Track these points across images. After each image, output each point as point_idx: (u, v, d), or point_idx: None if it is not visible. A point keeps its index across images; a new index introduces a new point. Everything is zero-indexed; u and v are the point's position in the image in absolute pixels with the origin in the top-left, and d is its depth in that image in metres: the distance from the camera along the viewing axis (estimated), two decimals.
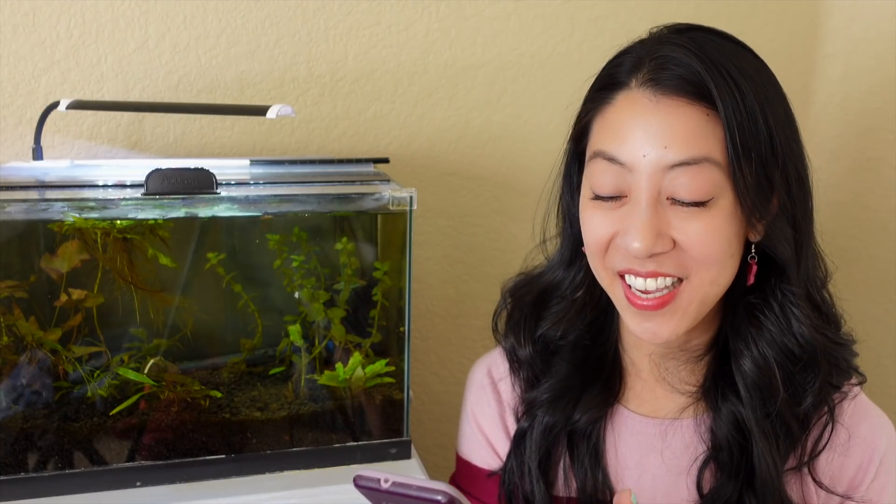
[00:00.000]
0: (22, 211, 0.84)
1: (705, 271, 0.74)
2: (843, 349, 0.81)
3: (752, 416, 0.77)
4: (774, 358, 0.78)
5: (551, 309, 0.87)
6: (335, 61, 1.13)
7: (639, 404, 0.85)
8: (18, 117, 1.03)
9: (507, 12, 1.19)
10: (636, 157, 0.72)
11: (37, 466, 0.86)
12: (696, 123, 0.71)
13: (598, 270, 0.79)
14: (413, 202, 0.89)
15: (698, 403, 0.82)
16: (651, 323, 0.76)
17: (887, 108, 1.31)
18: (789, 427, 0.78)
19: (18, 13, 1.01)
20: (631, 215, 0.73)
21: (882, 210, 1.34)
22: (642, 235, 0.71)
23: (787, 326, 0.78)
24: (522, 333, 0.88)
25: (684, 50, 0.72)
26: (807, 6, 1.34)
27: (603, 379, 0.85)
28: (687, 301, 0.75)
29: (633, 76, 0.74)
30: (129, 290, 0.90)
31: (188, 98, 1.07)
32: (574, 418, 0.84)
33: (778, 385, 0.77)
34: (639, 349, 0.86)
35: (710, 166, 0.71)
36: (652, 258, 0.73)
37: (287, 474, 0.91)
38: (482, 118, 1.21)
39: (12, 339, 0.86)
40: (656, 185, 0.72)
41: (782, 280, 0.78)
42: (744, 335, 0.79)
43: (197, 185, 0.84)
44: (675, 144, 0.71)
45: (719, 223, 0.72)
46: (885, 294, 1.35)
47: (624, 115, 0.74)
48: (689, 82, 0.71)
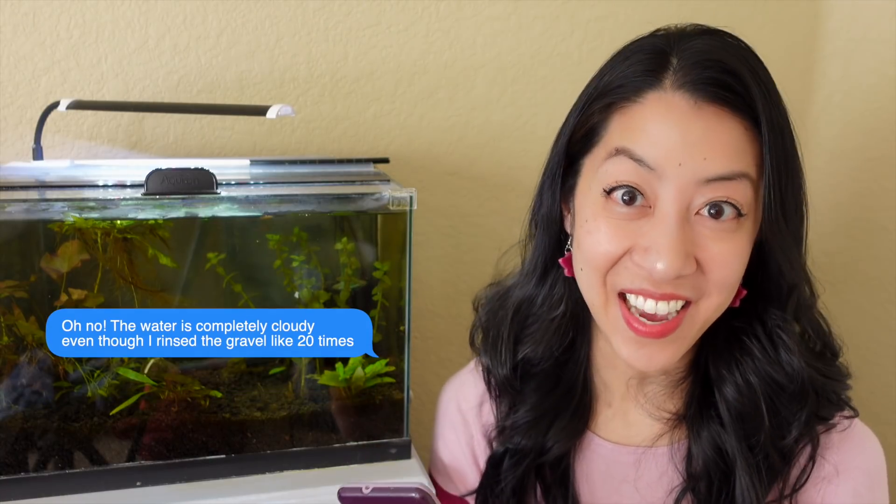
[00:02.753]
0: (22, 211, 0.84)
1: (717, 295, 0.69)
2: (835, 383, 0.76)
3: (737, 445, 0.72)
4: (759, 386, 0.73)
5: (528, 329, 0.82)
6: (335, 61, 1.13)
7: (610, 431, 0.81)
8: (18, 117, 1.03)
9: (507, 12, 1.19)
10: (670, 165, 0.65)
11: (37, 466, 0.86)
12: (738, 137, 0.66)
13: (594, 287, 0.72)
14: (413, 202, 0.89)
15: (674, 431, 0.78)
16: (648, 349, 0.70)
17: (887, 108, 1.31)
18: (772, 460, 0.73)
19: (18, 13, 1.01)
20: (655, 230, 0.66)
21: (882, 210, 1.34)
22: (671, 256, 0.64)
23: (775, 354, 0.73)
24: (500, 355, 0.83)
25: (726, 54, 0.67)
26: (807, 6, 1.34)
27: (574, 404, 0.81)
28: (689, 327, 0.70)
29: (664, 75, 0.67)
30: (129, 290, 0.90)
31: (188, 98, 1.07)
32: (546, 447, 0.80)
33: (763, 415, 0.72)
34: (613, 372, 0.80)
35: (746, 183, 0.66)
36: (671, 281, 0.66)
37: (287, 474, 0.91)
38: (482, 118, 1.21)
39: (12, 339, 0.86)
40: (688, 198, 0.66)
41: (771, 305, 0.73)
42: (727, 360, 0.74)
43: (197, 185, 0.84)
44: (716, 157, 0.65)
45: (743, 245, 0.68)
46: (885, 294, 1.35)
47: (656, 117, 0.66)
48: (733, 91, 0.66)
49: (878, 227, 1.35)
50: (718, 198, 0.66)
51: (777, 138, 0.67)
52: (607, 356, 0.81)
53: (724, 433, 0.73)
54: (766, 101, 0.66)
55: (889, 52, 1.29)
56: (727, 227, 0.67)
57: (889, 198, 1.33)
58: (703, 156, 0.65)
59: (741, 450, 0.72)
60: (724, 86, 0.66)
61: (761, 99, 0.66)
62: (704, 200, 0.66)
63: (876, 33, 1.31)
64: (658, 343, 0.70)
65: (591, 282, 0.72)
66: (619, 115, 0.69)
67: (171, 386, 0.90)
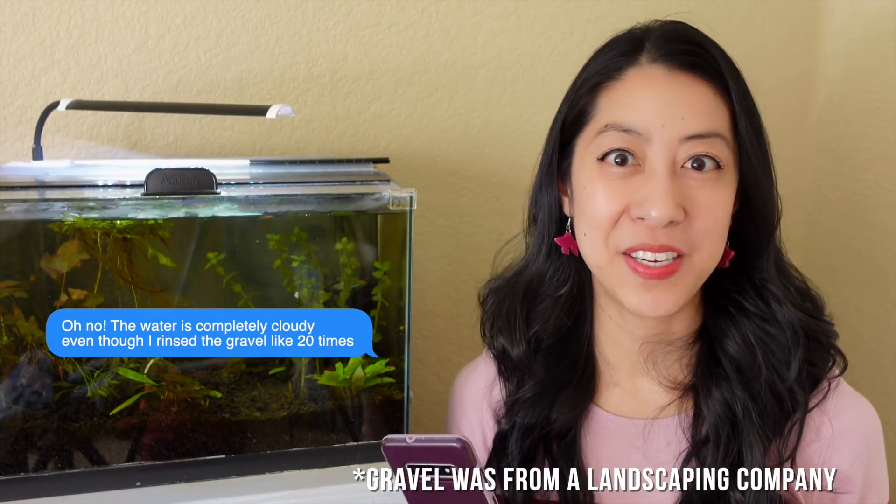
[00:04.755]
0: (22, 211, 0.84)
1: (708, 245, 0.76)
2: (823, 325, 0.82)
3: (741, 396, 0.78)
4: (755, 336, 0.79)
5: (538, 307, 0.87)
6: (335, 61, 1.13)
7: (617, 406, 0.85)
8: (18, 117, 1.03)
9: (507, 12, 1.19)
10: (654, 127, 0.74)
11: (37, 466, 0.86)
12: (709, 99, 0.75)
13: (598, 249, 0.78)
14: (413, 202, 0.89)
15: (681, 400, 0.82)
16: (652, 294, 0.76)
17: (887, 108, 1.31)
18: (772, 409, 0.78)
19: (18, 13, 1.01)
20: (648, 184, 0.74)
21: (882, 210, 1.34)
22: (663, 202, 0.72)
23: (766, 307, 0.80)
24: (515, 333, 0.87)
25: (692, 32, 0.77)
26: (807, 6, 1.34)
27: (577, 378, 0.85)
28: (687, 275, 0.76)
29: (640, 54, 0.77)
30: (129, 290, 0.90)
31: (188, 98, 1.07)
32: (551, 419, 0.83)
33: (760, 363, 0.78)
34: (618, 349, 0.85)
35: (721, 141, 0.75)
36: (665, 230, 0.74)
37: (287, 474, 0.91)
38: (482, 118, 1.21)
39: (12, 339, 0.86)
40: (672, 154, 0.74)
41: (756, 263, 0.80)
42: (725, 319, 0.81)
43: (197, 185, 0.84)
44: (692, 117, 0.74)
45: (726, 195, 0.76)
46: (885, 294, 1.35)
47: (637, 88, 0.76)
48: (702, 59, 0.75)
49: (878, 227, 1.35)
50: (699, 152, 0.74)
51: (744, 99, 0.77)
52: (611, 333, 0.84)
53: (732, 389, 0.79)
54: (730, 68, 0.77)
55: (889, 52, 1.29)
56: (709, 177, 0.75)
57: (889, 198, 1.33)
58: (681, 116, 0.74)
59: (745, 401, 0.78)
60: (693, 54, 0.76)
61: (726, 66, 0.76)
62: (687, 156, 0.75)
63: (876, 33, 1.31)
64: (662, 286, 0.76)
65: (595, 243, 0.78)
66: (604, 95, 0.78)
67: (171, 386, 0.90)
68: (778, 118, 1.32)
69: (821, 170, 1.37)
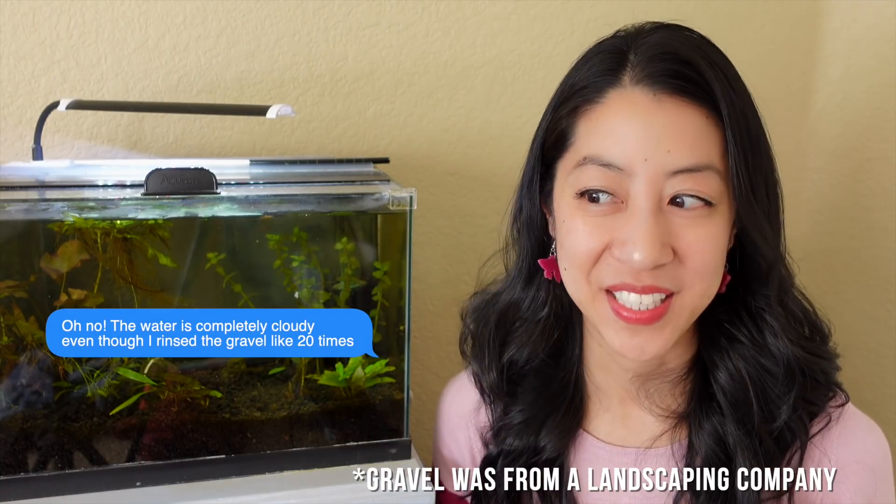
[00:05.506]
0: (22, 211, 0.84)
1: (699, 283, 0.70)
2: (822, 362, 0.77)
3: (735, 431, 0.73)
4: (747, 370, 0.74)
5: (514, 332, 0.83)
6: (335, 61, 1.13)
7: (607, 433, 0.81)
8: (18, 117, 1.03)
9: (507, 12, 1.19)
10: (636, 162, 0.67)
11: (37, 466, 0.86)
12: (698, 127, 0.68)
13: (580, 286, 0.73)
14: (413, 202, 0.89)
15: (675, 430, 0.78)
16: (639, 338, 0.71)
17: (887, 108, 1.31)
18: (767, 445, 0.74)
19: (18, 13, 1.01)
20: (630, 223, 0.68)
21: (882, 210, 1.34)
22: (646, 246, 0.66)
23: (761, 338, 0.74)
24: (486, 360, 0.84)
25: (681, 45, 0.69)
26: (807, 6, 1.34)
27: (566, 404, 0.81)
28: (678, 314, 0.71)
29: (623, 73, 0.69)
30: (129, 290, 0.90)
31: (188, 98, 1.07)
32: (539, 446, 0.80)
33: (751, 399, 0.73)
34: (608, 375, 0.81)
35: (712, 174, 0.68)
36: (651, 271, 0.68)
37: (287, 474, 0.91)
38: (482, 118, 1.21)
39: (12, 339, 0.86)
40: (658, 191, 0.67)
41: (755, 289, 0.75)
42: (718, 349, 0.76)
43: (197, 185, 0.84)
44: (679, 149, 0.67)
45: (718, 231, 0.69)
46: (885, 294, 1.35)
47: (619, 115, 0.68)
48: (690, 80, 0.68)
49: (878, 227, 1.35)
50: (684, 191, 0.68)
51: (739, 121, 0.68)
52: (600, 359, 0.81)
53: (724, 422, 0.74)
54: (724, 86, 0.68)
55: (889, 52, 1.29)
56: (698, 213, 0.68)
57: (889, 198, 1.33)
58: (667, 148, 0.67)
59: (739, 437, 0.73)
60: (681, 76, 0.68)
61: (719, 85, 0.67)
62: (673, 192, 0.68)
63: (876, 33, 1.31)
64: (649, 330, 0.71)
65: (576, 279, 0.73)
66: (584, 119, 0.71)
67: (171, 386, 0.90)
68: (778, 118, 1.32)
69: (821, 170, 1.37)
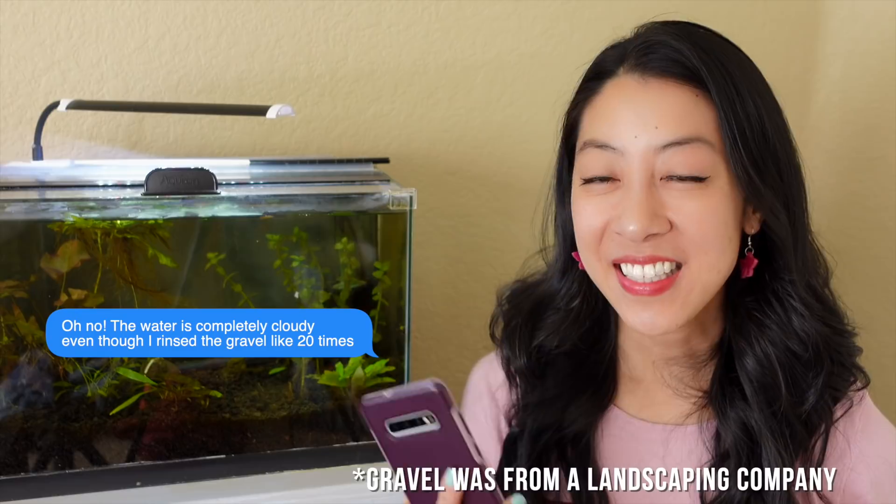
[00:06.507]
0: (22, 211, 0.84)
1: (704, 255, 0.73)
2: (846, 340, 0.79)
3: (761, 417, 0.75)
4: (776, 355, 0.76)
5: (547, 319, 0.85)
6: (335, 61, 1.13)
7: (639, 409, 0.83)
8: (18, 117, 1.03)
9: (507, 12, 1.19)
10: (627, 140, 0.72)
11: (37, 466, 0.86)
12: (686, 103, 0.72)
13: (592, 263, 0.77)
14: (413, 202, 0.89)
15: (703, 410, 0.79)
16: (649, 312, 0.74)
17: (887, 108, 1.31)
18: (794, 429, 0.75)
19: (18, 13, 1.01)
20: (625, 198, 0.72)
21: (882, 210, 1.34)
22: (637, 216, 0.70)
23: (788, 322, 0.76)
24: (517, 344, 0.86)
25: (671, 35, 0.74)
26: (807, 6, 1.34)
27: (597, 383, 0.83)
28: (687, 288, 0.73)
29: (620, 64, 0.75)
30: (129, 290, 0.90)
31: (188, 98, 1.07)
32: (564, 423, 0.82)
33: (780, 384, 0.75)
34: (641, 353, 0.83)
35: (703, 146, 0.71)
36: (648, 241, 0.71)
37: (287, 474, 0.91)
38: (482, 118, 1.21)
39: (12, 339, 0.86)
40: (649, 166, 0.71)
41: (780, 272, 0.77)
42: (745, 334, 0.78)
43: (197, 185, 0.84)
44: (666, 124, 0.71)
45: (716, 203, 0.72)
46: (885, 294, 1.35)
47: (612, 100, 0.74)
48: (676, 63, 0.72)
49: (878, 227, 1.35)
50: (676, 164, 0.71)
51: (730, 100, 0.72)
52: (636, 343, 0.84)
53: (748, 410, 0.76)
54: (713, 67, 0.72)
55: (889, 52, 1.29)
56: (692, 185, 0.72)
57: (889, 198, 1.33)
58: (654, 125, 0.71)
59: (766, 421, 0.75)
60: (667, 59, 0.73)
61: (705, 66, 0.71)
62: (666, 167, 0.72)
63: (876, 33, 1.31)
64: (658, 303, 0.73)
65: (588, 259, 0.77)
66: (587, 110, 0.77)
67: (171, 386, 0.90)
68: None
69: (821, 170, 1.37)
